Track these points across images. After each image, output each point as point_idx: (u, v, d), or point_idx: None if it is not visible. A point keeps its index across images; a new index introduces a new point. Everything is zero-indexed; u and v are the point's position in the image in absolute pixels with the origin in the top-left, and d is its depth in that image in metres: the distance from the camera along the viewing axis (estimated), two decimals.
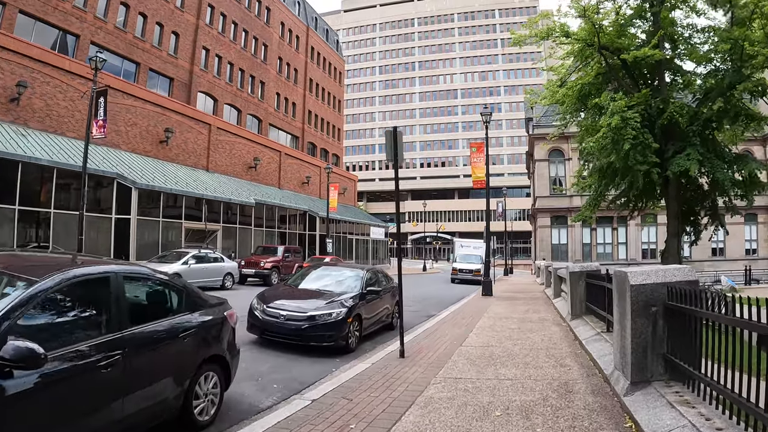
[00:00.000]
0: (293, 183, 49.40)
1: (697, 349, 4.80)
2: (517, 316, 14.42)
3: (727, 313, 4.20)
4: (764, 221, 39.76)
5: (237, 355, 6.44)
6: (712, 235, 20.13)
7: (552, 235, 39.70)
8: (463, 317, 14.57)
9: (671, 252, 18.41)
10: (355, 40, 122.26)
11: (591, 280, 11.03)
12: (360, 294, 10.93)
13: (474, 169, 23.34)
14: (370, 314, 11.26)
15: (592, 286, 11.02)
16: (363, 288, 11.17)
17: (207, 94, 42.48)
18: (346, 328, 9.84)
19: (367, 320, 11.01)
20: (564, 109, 20.76)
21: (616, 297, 6.21)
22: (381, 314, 12.18)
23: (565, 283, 15.66)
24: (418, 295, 24.20)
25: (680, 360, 5.17)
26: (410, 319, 14.94)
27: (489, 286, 21.76)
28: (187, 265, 21.47)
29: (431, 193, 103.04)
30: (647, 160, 16.57)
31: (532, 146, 43.13)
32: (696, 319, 4.82)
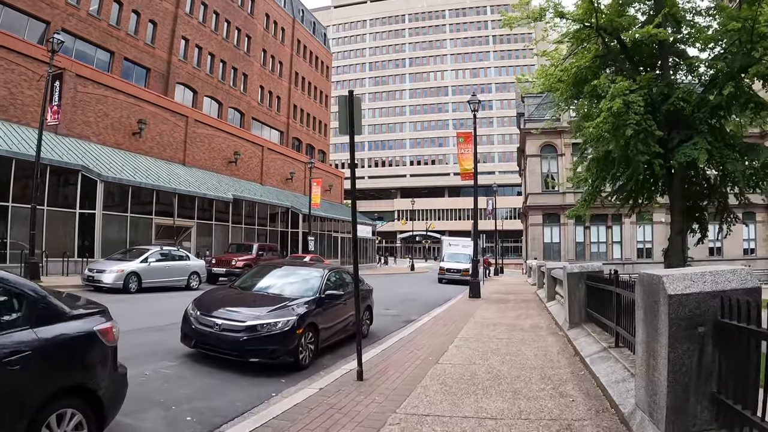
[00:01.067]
0: (276, 179, 47.75)
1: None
2: (507, 323, 12.74)
3: None
4: (763, 220, 38.34)
5: (121, 383, 4.68)
6: (727, 233, 18.47)
7: (544, 233, 38.10)
8: (446, 323, 12.88)
9: (675, 251, 16.79)
10: (345, 37, 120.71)
11: (593, 283, 9.35)
12: (317, 299, 9.19)
13: (461, 161, 21.65)
14: (331, 322, 9.53)
15: (594, 290, 9.35)
16: (321, 291, 9.43)
17: (186, 85, 40.74)
18: (294, 340, 8.10)
19: (326, 330, 9.28)
20: (558, 95, 19.09)
21: (641, 310, 4.49)
22: (347, 321, 10.47)
23: (560, 285, 14.00)
24: (401, 296, 22.58)
25: (738, 403, 3.48)
26: (387, 325, 13.34)
27: (477, 287, 20.08)
28: (147, 263, 19.75)
29: (421, 191, 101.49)
30: (650, 150, 14.93)
31: (523, 142, 41.55)
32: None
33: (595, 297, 9.31)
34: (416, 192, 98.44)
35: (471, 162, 21.03)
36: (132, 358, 7.94)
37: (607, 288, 7.99)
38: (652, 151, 14.89)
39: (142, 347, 8.85)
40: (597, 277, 9.21)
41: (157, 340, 9.58)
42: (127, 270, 18.91)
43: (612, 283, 7.60)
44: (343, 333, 10.31)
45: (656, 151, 14.93)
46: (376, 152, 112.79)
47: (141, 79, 36.45)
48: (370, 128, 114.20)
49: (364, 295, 11.54)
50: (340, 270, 11.22)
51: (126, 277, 18.70)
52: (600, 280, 8.82)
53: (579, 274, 10.06)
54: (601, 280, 8.75)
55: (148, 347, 9.03)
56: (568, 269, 10.24)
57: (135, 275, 19.13)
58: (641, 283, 4.45)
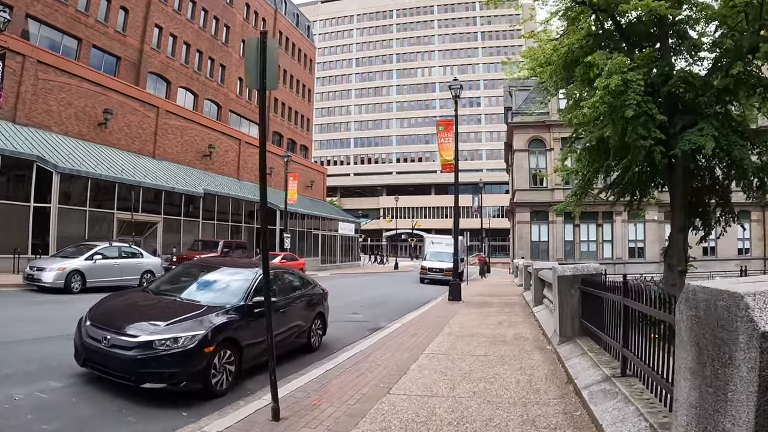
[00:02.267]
0: (254, 174, 45.72)
1: None
2: (487, 332, 10.93)
3: None
4: (757, 219, 36.94)
5: None
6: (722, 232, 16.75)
7: (531, 231, 36.34)
8: (416, 333, 11.05)
9: (676, 250, 15.03)
10: (332, 32, 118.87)
11: (590, 290, 7.55)
12: (241, 307, 7.34)
13: (442, 150, 19.79)
14: (263, 336, 7.66)
15: (591, 298, 7.56)
16: (248, 298, 7.57)
17: (159, 75, 38.78)
18: (202, 360, 6.25)
19: (256, 345, 7.39)
20: (546, 78, 17.29)
21: (690, 350, 2.60)
22: (291, 332, 8.65)
23: (549, 288, 12.22)
24: (375, 298, 20.75)
25: None
26: (347, 333, 11.54)
27: (457, 289, 18.24)
28: (93, 261, 17.81)
29: (407, 188, 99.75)
30: (651, 135, 13.17)
31: (510, 136, 39.81)
32: None
33: (592, 306, 7.52)
34: (403, 189, 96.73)
35: (452, 152, 19.22)
36: (12, 376, 6.67)
37: (611, 297, 6.19)
38: (654, 136, 13.15)
39: (33, 362, 7.26)
40: (595, 282, 7.41)
41: (57, 353, 7.69)
42: (69, 268, 17.05)
43: (617, 292, 5.81)
44: (284, 347, 8.47)
45: (658, 136, 13.18)
46: (362, 149, 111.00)
47: (111, 68, 34.61)
48: (356, 125, 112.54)
49: (312, 300, 9.73)
50: (283, 271, 9.32)
51: (68, 275, 16.87)
52: (599, 286, 7.03)
53: (572, 278, 8.26)
54: (601, 286, 6.95)
55: (41, 362, 7.32)
56: (559, 271, 8.43)
57: (78, 274, 17.25)
58: (694, 303, 2.56)
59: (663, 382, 4.12)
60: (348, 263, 56.53)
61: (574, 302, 8.30)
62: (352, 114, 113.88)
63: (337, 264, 53.23)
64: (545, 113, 37.41)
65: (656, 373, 4.29)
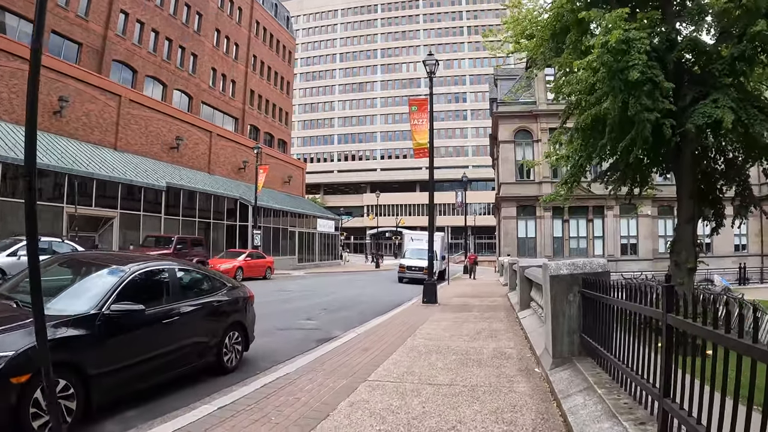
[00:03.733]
0: (227, 168, 43.46)
1: None
2: (460, 346, 8.68)
3: None
4: (755, 214, 34.91)
5: None
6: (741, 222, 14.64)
7: (518, 227, 34.18)
8: (371, 345, 8.79)
9: (685, 243, 12.86)
10: (316, 27, 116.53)
11: (596, 295, 5.33)
12: (90, 317, 5.11)
13: (415, 133, 17.48)
14: (134, 357, 5.43)
15: (597, 307, 5.33)
16: (104, 305, 5.31)
17: (124, 63, 36.31)
18: (9, 395, 4.04)
19: (113, 373, 5.11)
20: (533, 50, 15.08)
21: None
22: (182, 351, 6.40)
23: (537, 289, 10.02)
24: (342, 300, 18.50)
25: None
26: (288, 345, 9.45)
27: (432, 290, 15.95)
28: (16, 257, 15.60)
29: (392, 185, 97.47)
30: (658, 107, 11.00)
31: (496, 127, 37.66)
32: None
33: (599, 318, 5.28)
34: (387, 186, 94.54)
35: (427, 135, 16.95)
36: None
37: (640, 311, 3.95)
38: (661, 108, 10.97)
39: None
40: (602, 285, 5.18)
41: None
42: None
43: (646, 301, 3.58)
44: (174, 368, 6.24)
45: (666, 107, 11.01)
46: (346, 146, 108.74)
47: (72, 54, 32.20)
48: (339, 121, 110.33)
49: (223, 307, 7.50)
50: (176, 268, 6.96)
51: None
52: (610, 291, 4.80)
53: (570, 278, 6.02)
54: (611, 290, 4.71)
55: None
56: (552, 269, 6.17)
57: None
58: None
59: None
60: (327, 262, 54.27)
61: (572, 311, 6.07)
62: (336, 110, 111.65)
63: (316, 262, 50.97)
64: (532, 102, 35.36)
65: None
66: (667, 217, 33.77)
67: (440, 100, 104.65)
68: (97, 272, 6.07)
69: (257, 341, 9.25)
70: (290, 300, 17.72)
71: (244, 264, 27.22)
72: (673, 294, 3.29)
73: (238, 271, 26.31)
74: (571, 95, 14.03)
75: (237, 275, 26.09)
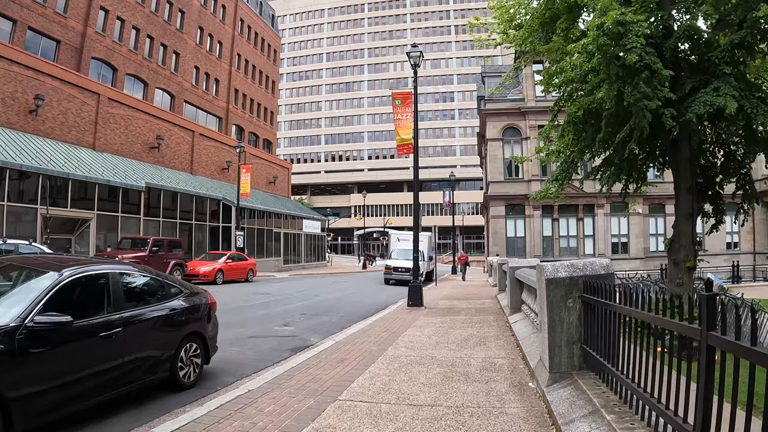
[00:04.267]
0: (210, 168, 42.43)
1: None
2: (445, 356, 7.88)
3: None
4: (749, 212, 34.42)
5: None
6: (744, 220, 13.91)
7: (507, 226, 33.46)
8: (346, 356, 7.96)
9: (683, 241, 12.14)
10: (302, 26, 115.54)
11: (601, 302, 4.55)
12: (9, 332, 4.33)
13: (398, 128, 16.62)
14: (67, 375, 4.66)
15: (603, 316, 4.55)
16: (28, 316, 4.52)
17: (103, 61, 35.20)
18: None
19: (40, 395, 4.34)
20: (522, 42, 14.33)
21: None
22: (124, 367, 5.52)
23: (529, 292, 9.25)
24: (324, 303, 17.66)
25: None
26: (260, 355, 8.69)
27: (417, 292, 15.12)
28: None
29: (379, 185, 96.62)
30: (658, 95, 10.27)
31: (483, 125, 36.97)
32: None
33: (606, 329, 4.49)
34: (374, 187, 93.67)
35: (411, 130, 16.13)
36: None
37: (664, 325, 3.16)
38: (661, 96, 10.25)
39: None
40: (606, 290, 4.40)
41: None
42: None
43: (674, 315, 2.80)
44: (113, 387, 5.39)
45: (666, 95, 10.28)
46: (333, 146, 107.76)
47: (50, 52, 31.08)
48: (326, 121, 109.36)
49: (178, 315, 6.68)
50: (118, 272, 6.08)
51: None
52: (606, 294, 4.03)
53: (569, 282, 5.23)
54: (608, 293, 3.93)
55: None
56: (549, 272, 5.37)
57: None
58: None
59: None
60: (314, 263, 53.37)
61: (571, 319, 5.28)
62: (323, 110, 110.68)
63: (302, 264, 50.07)
64: (520, 99, 34.71)
65: None
66: (659, 215, 33.23)
67: (428, 100, 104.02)
68: (28, 278, 5.21)
69: (225, 351, 8.44)
70: (269, 304, 16.85)
71: (225, 266, 26.28)
72: (716, 306, 2.50)
73: (219, 274, 25.39)
74: (562, 86, 13.24)
75: (217, 278, 25.17)
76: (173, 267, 22.44)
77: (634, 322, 3.99)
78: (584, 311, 5.20)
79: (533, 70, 34.89)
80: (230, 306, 15.75)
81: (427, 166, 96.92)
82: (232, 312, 14.39)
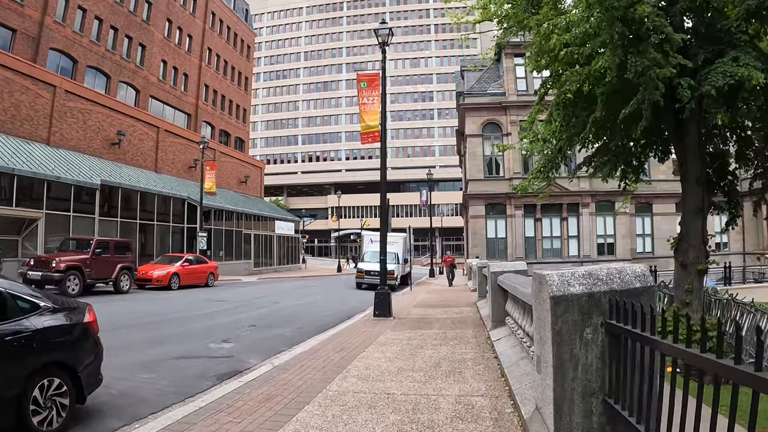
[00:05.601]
0: (177, 167, 40.17)
1: None
2: (407, 394, 5.94)
3: None
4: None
5: None
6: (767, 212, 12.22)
7: (487, 226, 31.65)
8: (276, 392, 5.98)
9: (693, 240, 10.38)
10: (280, 24, 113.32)
11: (636, 334, 2.64)
12: None
13: (363, 114, 14.61)
14: None
15: (638, 353, 2.66)
16: None
17: (62, 52, 32.88)
18: None
19: None
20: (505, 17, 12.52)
21: None
22: None
23: (515, 303, 7.38)
24: (283, 312, 15.71)
25: None
26: (175, 384, 6.95)
27: (385, 301, 13.10)
28: None
29: (357, 186, 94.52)
30: (671, 62, 8.51)
31: (462, 122, 35.23)
32: None
33: (646, 379, 2.58)
34: (352, 187, 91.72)
35: (376, 116, 14.20)
36: None
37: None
38: (675, 63, 8.47)
39: None
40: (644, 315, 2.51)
41: None
42: None
43: None
44: None
45: (680, 62, 8.51)
46: (310, 146, 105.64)
47: (4, 41, 28.90)
48: (303, 121, 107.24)
49: (21, 342, 4.65)
50: None
51: None
52: (645, 321, 2.65)
53: (587, 301, 3.31)
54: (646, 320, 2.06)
55: None
56: (555, 284, 3.41)
57: None
58: None
59: None
60: (287, 266, 51.29)
61: (589, 358, 3.38)
62: (300, 110, 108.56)
63: (274, 267, 47.97)
64: (501, 94, 33.01)
65: None
66: (645, 214, 31.74)
67: (407, 99, 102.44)
68: None
69: (131, 379, 6.61)
70: (217, 314, 14.80)
71: (181, 270, 24.12)
72: None
73: (174, 278, 23.26)
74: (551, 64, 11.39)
75: (172, 283, 23.05)
76: (120, 271, 20.28)
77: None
78: (610, 346, 3.31)
79: (514, 64, 33.30)
80: (170, 316, 13.75)
81: (405, 167, 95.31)
82: (170, 324, 12.38)
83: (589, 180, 30.04)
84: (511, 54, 32.38)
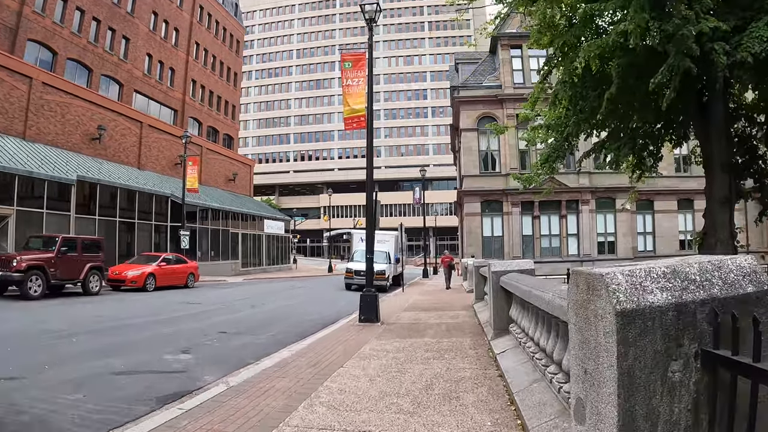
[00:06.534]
0: (162, 163, 38.89)
1: None
2: (390, 429, 4.61)
3: None
4: (739, 208, 31.91)
5: None
6: None
7: (483, 224, 30.34)
8: (224, 425, 4.64)
9: (720, 234, 9.09)
10: (273, 22, 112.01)
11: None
12: None
13: (347, 96, 13.24)
14: None
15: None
16: None
17: (42, 44, 31.61)
18: None
19: None
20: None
21: None
22: None
23: (523, 308, 6.06)
24: (262, 315, 14.36)
25: None
26: (101, 413, 5.20)
27: (372, 305, 11.69)
28: None
29: (350, 185, 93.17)
30: (703, 24, 7.23)
31: (457, 116, 33.95)
32: None
33: None
34: (344, 187, 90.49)
35: (363, 99, 12.86)
36: None
37: None
38: (708, 25, 7.18)
39: None
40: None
41: None
42: None
43: None
44: None
45: (713, 26, 7.22)
46: (303, 145, 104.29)
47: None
48: (296, 119, 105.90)
49: None
50: None
51: None
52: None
53: (675, 319, 1.96)
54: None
55: None
56: (622, 290, 2.10)
57: None
58: None
59: None
60: (277, 266, 49.97)
61: (677, 411, 2.02)
62: (293, 108, 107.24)
63: (263, 267, 46.62)
64: (497, 86, 31.76)
65: None
66: (646, 212, 30.53)
67: (400, 97, 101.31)
68: None
69: (45, 404, 5.40)
70: (186, 318, 13.41)
71: (158, 270, 22.68)
72: None
73: (149, 279, 21.82)
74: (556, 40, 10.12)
75: (147, 284, 21.62)
76: (89, 271, 18.85)
77: None
78: (710, 392, 1.97)
79: (511, 56, 32.07)
80: (136, 321, 12.37)
81: (398, 165, 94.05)
82: (132, 329, 11.01)
83: (588, 176, 28.82)
84: (507, 45, 31.16)
